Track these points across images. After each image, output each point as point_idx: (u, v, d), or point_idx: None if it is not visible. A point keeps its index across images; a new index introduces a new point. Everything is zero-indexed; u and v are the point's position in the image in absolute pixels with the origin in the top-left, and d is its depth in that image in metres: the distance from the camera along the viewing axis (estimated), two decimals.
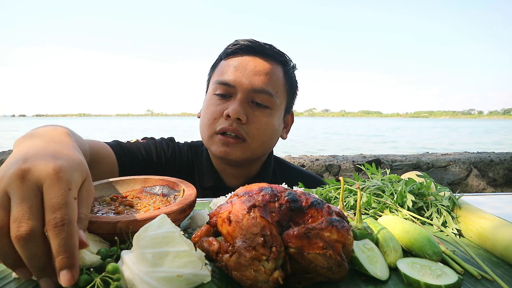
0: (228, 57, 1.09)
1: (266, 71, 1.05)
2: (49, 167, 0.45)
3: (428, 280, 0.47)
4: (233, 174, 1.17)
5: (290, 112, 1.20)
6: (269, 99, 1.05)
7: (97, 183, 0.76)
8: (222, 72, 1.07)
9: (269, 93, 1.04)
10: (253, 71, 1.03)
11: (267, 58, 1.07)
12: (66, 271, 0.41)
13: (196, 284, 0.47)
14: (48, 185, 0.43)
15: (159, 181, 0.79)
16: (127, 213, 0.63)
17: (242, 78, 1.03)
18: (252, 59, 1.05)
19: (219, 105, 1.05)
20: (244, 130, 1.03)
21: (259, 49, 1.06)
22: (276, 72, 1.07)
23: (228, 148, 1.04)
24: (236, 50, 1.07)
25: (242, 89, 1.03)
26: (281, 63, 1.10)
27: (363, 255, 0.53)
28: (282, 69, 1.10)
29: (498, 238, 0.59)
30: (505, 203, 0.99)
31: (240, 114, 1.00)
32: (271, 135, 1.09)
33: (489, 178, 3.13)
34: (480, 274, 0.52)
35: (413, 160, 3.06)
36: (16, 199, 0.42)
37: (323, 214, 0.50)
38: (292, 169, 1.33)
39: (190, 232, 0.68)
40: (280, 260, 0.46)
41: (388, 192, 0.79)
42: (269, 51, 1.07)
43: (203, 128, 1.10)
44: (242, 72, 1.04)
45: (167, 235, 0.47)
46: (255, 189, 0.54)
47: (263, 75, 1.04)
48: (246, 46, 1.06)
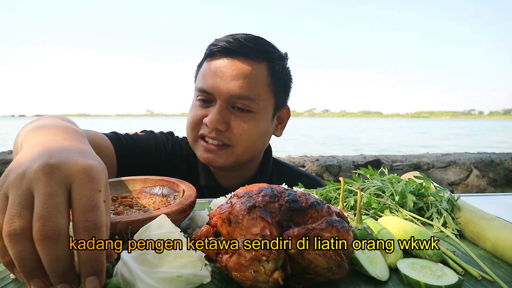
0: (208, 59, 1.04)
1: (245, 75, 0.98)
2: (79, 164, 0.42)
3: (428, 280, 0.47)
4: (227, 176, 1.16)
5: (284, 107, 1.15)
6: (250, 104, 1.00)
7: None
8: (202, 77, 1.04)
9: (249, 98, 0.99)
10: (231, 76, 0.98)
11: (248, 59, 1.00)
12: (94, 278, 0.39)
13: (196, 284, 0.47)
14: (78, 184, 0.40)
15: (158, 182, 0.79)
16: (126, 214, 0.63)
17: (220, 84, 0.98)
18: (231, 62, 0.99)
19: (200, 110, 1.03)
20: (226, 137, 1.00)
21: (238, 50, 1.00)
22: (257, 73, 1.00)
23: (211, 154, 1.02)
24: (215, 52, 1.02)
25: (220, 96, 0.99)
26: (265, 60, 1.03)
27: (363, 255, 0.53)
28: (266, 67, 1.03)
29: (499, 238, 0.59)
30: (506, 203, 0.99)
31: (217, 123, 0.97)
32: (257, 139, 1.05)
33: (489, 179, 3.13)
34: (481, 274, 0.51)
35: (414, 160, 3.06)
36: (42, 196, 0.38)
37: (323, 215, 0.50)
38: (291, 170, 1.31)
39: (190, 232, 0.68)
40: (280, 261, 0.46)
41: (388, 193, 0.79)
42: (250, 51, 1.00)
43: (187, 132, 1.08)
44: (220, 78, 0.99)
45: (167, 236, 0.47)
46: (255, 190, 0.54)
47: (241, 80, 0.98)
48: (224, 47, 1.00)
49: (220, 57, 1.01)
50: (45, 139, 0.51)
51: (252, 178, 1.18)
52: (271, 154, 1.25)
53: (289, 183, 0.95)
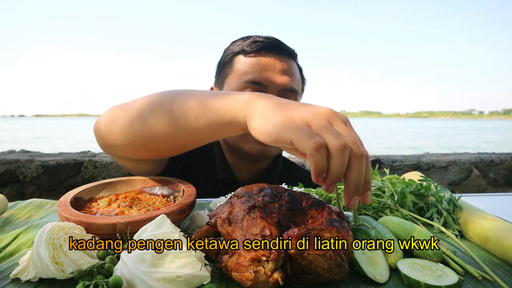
0: (249, 55, 1.06)
1: (291, 70, 1.07)
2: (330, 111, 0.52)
3: (428, 280, 0.47)
4: (246, 168, 1.18)
5: None
6: (295, 97, 1.07)
7: (97, 183, 0.76)
8: (248, 70, 1.04)
9: (296, 91, 1.06)
10: (281, 70, 1.04)
11: (288, 56, 1.08)
12: (369, 192, 0.51)
13: (196, 285, 0.46)
14: (347, 123, 0.52)
15: (159, 182, 0.79)
16: (126, 214, 0.63)
17: (272, 77, 1.03)
18: (278, 58, 1.05)
19: None
20: None
21: (280, 47, 1.07)
22: (296, 69, 1.10)
23: (263, 145, 1.06)
24: (259, 48, 1.06)
25: (274, 87, 1.03)
26: (294, 59, 1.12)
27: (363, 256, 0.53)
28: (296, 66, 1.13)
29: (499, 238, 0.59)
30: (506, 203, 0.99)
31: None
32: None
33: (489, 179, 3.13)
34: (481, 275, 0.51)
35: (414, 160, 3.06)
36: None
37: (323, 215, 0.50)
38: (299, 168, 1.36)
39: (190, 233, 0.68)
40: (280, 261, 0.46)
41: (388, 193, 0.79)
42: (288, 49, 1.09)
43: None
44: (271, 71, 1.03)
45: (166, 236, 0.47)
46: (255, 190, 0.54)
47: (290, 74, 1.06)
48: (268, 43, 1.06)
49: (264, 53, 1.06)
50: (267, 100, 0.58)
51: (265, 173, 1.21)
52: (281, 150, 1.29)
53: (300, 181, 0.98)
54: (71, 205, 0.63)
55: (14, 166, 2.74)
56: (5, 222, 0.73)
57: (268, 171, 1.21)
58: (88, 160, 2.80)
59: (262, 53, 1.05)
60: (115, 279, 0.44)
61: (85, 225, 0.55)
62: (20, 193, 2.75)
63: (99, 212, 0.64)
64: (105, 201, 0.70)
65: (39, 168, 2.74)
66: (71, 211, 0.60)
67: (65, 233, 0.51)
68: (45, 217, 0.78)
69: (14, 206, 0.82)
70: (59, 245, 0.49)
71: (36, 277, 0.49)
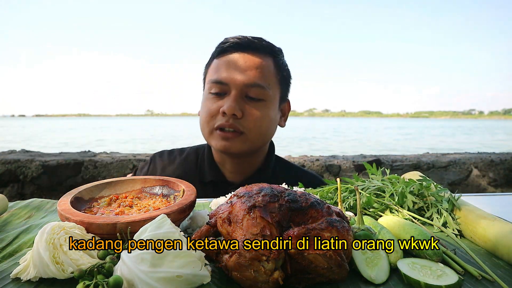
0: (219, 55, 1.12)
1: (257, 66, 1.08)
2: None
3: (428, 280, 0.47)
4: (234, 168, 1.19)
5: (286, 100, 1.23)
6: (263, 92, 1.08)
7: (97, 183, 0.76)
8: (215, 70, 1.11)
9: (261, 86, 1.07)
10: (244, 67, 1.07)
11: (257, 53, 1.10)
12: None
13: (196, 284, 0.47)
14: None
15: (158, 181, 0.79)
16: (126, 214, 0.63)
17: (234, 75, 1.06)
18: (242, 55, 1.09)
19: (215, 103, 1.09)
20: (240, 125, 1.07)
21: (248, 45, 1.10)
22: (266, 65, 1.10)
23: (227, 142, 1.08)
24: (226, 48, 1.10)
25: (235, 85, 1.06)
26: (271, 55, 1.13)
27: (362, 256, 0.53)
28: (272, 61, 1.13)
29: (499, 238, 0.59)
30: (506, 203, 0.99)
31: (235, 110, 1.04)
32: (268, 126, 1.12)
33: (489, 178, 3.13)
34: (481, 274, 0.51)
35: (414, 160, 3.06)
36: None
37: (323, 215, 0.50)
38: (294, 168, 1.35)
39: (190, 232, 0.68)
40: (280, 261, 0.46)
41: (388, 193, 0.79)
42: (258, 45, 1.11)
43: (203, 125, 1.14)
44: (234, 69, 1.07)
45: (166, 235, 0.47)
46: (255, 190, 0.54)
47: (254, 70, 1.07)
48: (235, 43, 1.10)
49: (231, 52, 1.10)
50: None
51: (257, 171, 1.22)
52: (274, 148, 1.30)
53: (294, 181, 1.00)
54: (72, 205, 0.63)
55: (14, 166, 2.74)
56: (6, 222, 0.73)
57: (259, 170, 1.22)
58: (88, 160, 2.80)
59: (228, 53, 1.10)
60: (115, 279, 0.44)
61: (85, 225, 0.56)
62: (20, 193, 2.75)
63: (99, 212, 0.64)
64: (105, 201, 0.70)
65: (39, 168, 2.74)
66: (71, 211, 0.60)
67: (65, 233, 0.51)
68: (45, 217, 0.78)
69: (14, 206, 0.82)
70: (59, 245, 0.49)
71: (36, 276, 0.49)
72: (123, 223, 0.55)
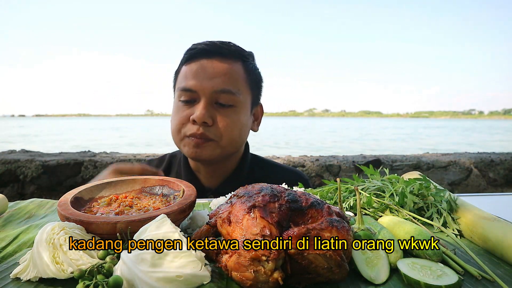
0: (187, 62, 1.11)
1: (225, 71, 1.07)
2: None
3: (428, 280, 0.47)
4: (209, 173, 1.20)
5: (258, 104, 1.23)
6: (232, 98, 1.07)
7: (97, 183, 0.76)
8: (183, 78, 1.10)
9: (231, 92, 1.06)
10: (212, 74, 1.06)
11: (225, 58, 1.09)
12: None
13: (196, 284, 0.47)
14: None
15: (158, 181, 0.79)
16: (126, 214, 0.63)
17: (202, 82, 1.05)
18: (210, 62, 1.07)
19: (185, 111, 1.08)
20: (211, 133, 1.06)
21: (215, 51, 1.08)
22: (235, 70, 1.09)
23: (198, 149, 1.07)
24: (194, 54, 1.09)
25: (204, 92, 1.05)
26: (240, 60, 1.12)
27: (361, 256, 0.53)
28: (242, 66, 1.12)
29: (499, 238, 0.59)
30: (506, 203, 0.99)
31: (205, 118, 1.03)
32: (240, 132, 1.11)
33: (489, 178, 3.13)
34: (481, 274, 0.51)
35: (413, 160, 3.06)
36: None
37: (323, 215, 0.50)
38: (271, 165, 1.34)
39: (190, 232, 0.68)
40: (280, 261, 0.46)
41: (388, 193, 0.79)
42: (226, 51, 1.09)
43: (173, 134, 1.13)
44: (202, 76, 1.06)
45: (166, 235, 0.47)
46: (255, 190, 0.54)
47: (222, 76, 1.06)
48: (202, 49, 1.09)
49: (200, 59, 1.09)
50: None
51: (232, 174, 1.21)
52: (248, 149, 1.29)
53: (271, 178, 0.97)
54: (72, 205, 0.63)
55: (14, 166, 2.74)
56: (6, 222, 0.73)
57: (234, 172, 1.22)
58: (88, 160, 2.81)
59: (195, 60, 1.09)
60: (115, 279, 0.44)
61: (85, 225, 0.56)
62: (20, 193, 2.75)
63: (99, 212, 0.64)
64: (105, 201, 0.70)
65: (39, 168, 2.74)
66: (71, 211, 0.60)
67: (65, 233, 0.51)
68: (45, 217, 0.78)
69: (14, 206, 0.82)
70: (59, 245, 0.49)
71: (36, 276, 0.49)
72: (123, 223, 0.55)
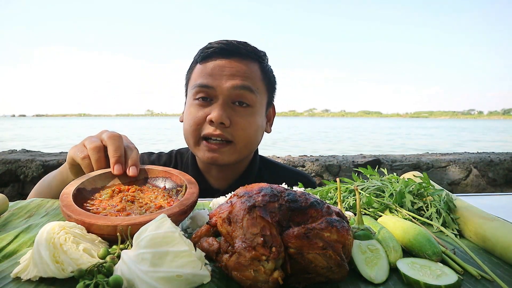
0: (203, 61, 1.09)
1: (243, 71, 1.05)
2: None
3: (428, 280, 0.47)
4: (219, 176, 1.18)
5: (271, 105, 1.22)
6: (251, 96, 1.05)
7: (99, 172, 0.75)
8: (199, 75, 1.07)
9: (250, 89, 1.05)
10: (231, 73, 1.04)
11: (242, 58, 1.07)
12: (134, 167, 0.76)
13: (196, 284, 0.47)
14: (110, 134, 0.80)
15: (162, 173, 0.79)
16: (128, 211, 0.63)
17: (221, 80, 1.03)
18: (228, 62, 1.05)
19: (201, 110, 1.05)
20: (228, 133, 1.03)
21: (233, 50, 1.07)
22: (253, 70, 1.08)
23: (215, 153, 1.04)
24: (210, 53, 1.07)
25: (222, 90, 1.03)
26: (256, 60, 1.11)
27: (361, 256, 0.53)
28: (258, 66, 1.11)
29: (498, 238, 0.59)
30: (505, 203, 1.00)
31: (222, 118, 1.00)
32: (256, 133, 1.10)
33: (489, 178, 3.13)
34: (480, 274, 0.52)
35: (413, 160, 3.06)
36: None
37: (323, 214, 0.50)
38: (279, 167, 1.33)
39: (190, 232, 0.68)
40: (280, 260, 0.46)
41: (388, 193, 0.79)
42: (243, 51, 1.08)
43: (187, 135, 1.10)
44: (220, 74, 1.04)
45: (166, 235, 0.47)
46: (255, 189, 0.54)
47: (241, 75, 1.04)
48: (220, 48, 1.06)
49: (217, 58, 1.06)
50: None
51: (241, 176, 1.20)
52: (257, 151, 1.28)
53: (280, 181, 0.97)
54: (74, 198, 0.63)
55: (15, 165, 2.74)
56: (6, 222, 0.73)
57: (243, 174, 1.20)
58: None
59: (213, 59, 1.07)
60: (115, 279, 0.45)
61: (86, 225, 0.56)
62: (20, 193, 2.75)
63: (101, 207, 0.64)
64: (107, 193, 0.70)
65: (39, 167, 2.74)
66: (73, 208, 0.60)
67: (65, 232, 0.51)
68: (45, 216, 0.78)
69: (14, 205, 0.82)
70: (59, 244, 0.50)
71: (36, 276, 0.49)
72: (124, 225, 0.55)
